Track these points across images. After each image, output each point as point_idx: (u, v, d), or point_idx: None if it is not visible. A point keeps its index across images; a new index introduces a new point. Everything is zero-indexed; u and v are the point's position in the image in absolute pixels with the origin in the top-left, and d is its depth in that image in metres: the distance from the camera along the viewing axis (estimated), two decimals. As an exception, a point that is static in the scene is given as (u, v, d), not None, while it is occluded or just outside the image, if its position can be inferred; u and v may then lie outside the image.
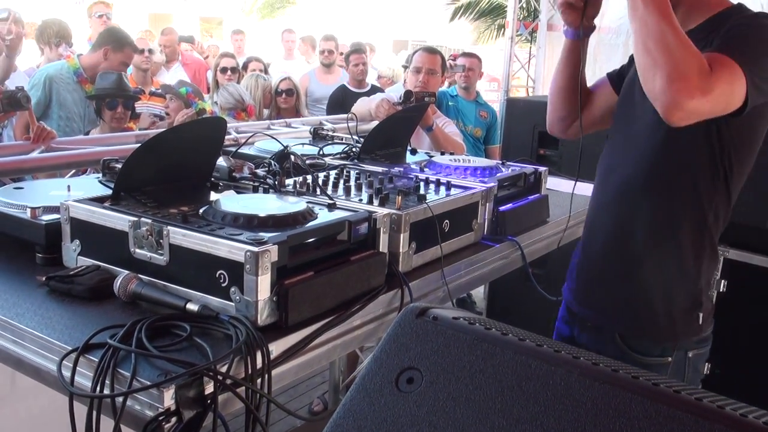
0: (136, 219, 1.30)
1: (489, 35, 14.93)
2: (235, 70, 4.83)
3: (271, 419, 1.15)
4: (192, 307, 1.18)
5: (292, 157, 1.91)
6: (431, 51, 3.33)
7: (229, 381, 1.06)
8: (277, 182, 1.67)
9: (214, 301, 1.22)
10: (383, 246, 1.48)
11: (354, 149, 2.22)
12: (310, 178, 1.75)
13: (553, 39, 6.40)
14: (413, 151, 2.38)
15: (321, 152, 2.18)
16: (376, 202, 1.57)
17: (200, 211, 1.37)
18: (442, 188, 1.79)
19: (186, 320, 1.16)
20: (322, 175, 1.82)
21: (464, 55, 4.95)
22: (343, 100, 4.74)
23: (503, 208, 1.91)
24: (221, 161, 1.69)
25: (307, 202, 1.46)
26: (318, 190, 1.62)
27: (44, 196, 1.59)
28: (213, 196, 1.54)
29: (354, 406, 0.69)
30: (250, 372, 1.10)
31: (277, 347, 1.18)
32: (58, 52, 3.96)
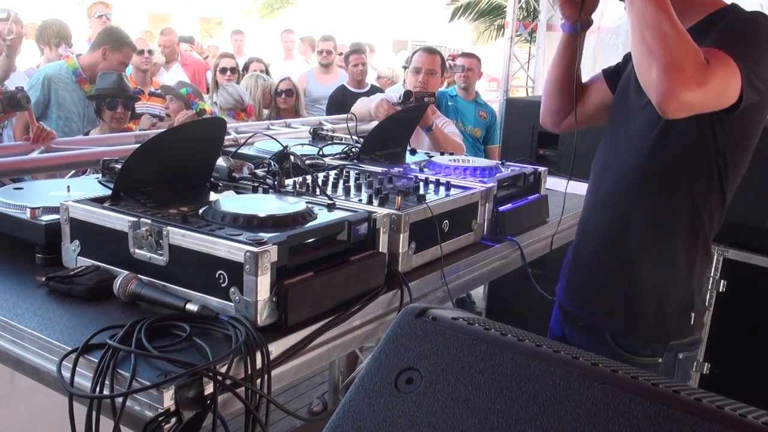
0: (136, 219, 1.30)
1: (488, 35, 14.91)
2: (235, 71, 4.82)
3: (271, 419, 1.15)
4: (192, 307, 1.18)
5: (292, 158, 1.91)
6: (431, 51, 3.33)
7: (228, 381, 1.06)
8: (276, 182, 1.67)
9: (214, 301, 1.22)
10: (383, 246, 1.48)
11: (353, 149, 2.22)
12: (309, 179, 1.75)
13: (553, 39, 6.38)
14: (413, 152, 2.38)
15: (320, 152, 2.18)
16: (375, 202, 1.57)
17: (200, 211, 1.37)
18: (442, 188, 1.79)
19: (186, 321, 1.17)
20: (321, 176, 1.81)
21: (463, 55, 4.94)
22: (343, 101, 4.74)
23: (503, 209, 1.91)
24: (221, 161, 1.69)
25: (307, 203, 1.46)
26: (317, 191, 1.62)
27: (44, 197, 1.59)
28: (213, 196, 1.54)
29: (353, 407, 0.69)
30: (249, 372, 1.10)
31: (277, 347, 1.18)
32: (58, 53, 3.96)
